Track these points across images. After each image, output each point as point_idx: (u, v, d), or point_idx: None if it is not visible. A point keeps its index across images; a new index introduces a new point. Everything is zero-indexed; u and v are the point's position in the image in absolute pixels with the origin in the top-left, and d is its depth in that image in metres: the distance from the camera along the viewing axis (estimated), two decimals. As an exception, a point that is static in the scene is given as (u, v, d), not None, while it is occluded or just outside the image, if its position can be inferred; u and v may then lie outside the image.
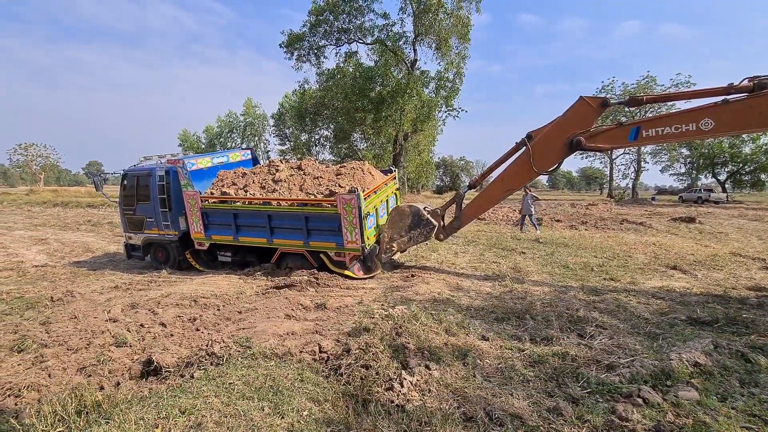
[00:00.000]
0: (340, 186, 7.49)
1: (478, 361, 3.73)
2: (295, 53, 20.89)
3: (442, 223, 7.45)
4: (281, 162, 8.86)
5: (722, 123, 5.29)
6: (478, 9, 18.71)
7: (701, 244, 11.10)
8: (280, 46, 20.71)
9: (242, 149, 10.11)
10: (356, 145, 23.26)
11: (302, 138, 25.87)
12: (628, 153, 45.92)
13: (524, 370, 3.53)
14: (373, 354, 3.61)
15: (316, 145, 26.77)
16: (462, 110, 20.61)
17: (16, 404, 3.31)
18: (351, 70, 20.38)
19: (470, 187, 7.73)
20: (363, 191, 7.00)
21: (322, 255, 7.47)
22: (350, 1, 19.19)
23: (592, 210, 23.07)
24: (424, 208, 7.42)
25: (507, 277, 7.07)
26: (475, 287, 6.56)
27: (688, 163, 46.70)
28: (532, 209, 13.58)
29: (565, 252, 9.63)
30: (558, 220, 17.02)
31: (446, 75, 19.74)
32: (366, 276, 7.39)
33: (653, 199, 37.30)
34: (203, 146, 43.64)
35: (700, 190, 36.58)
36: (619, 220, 16.76)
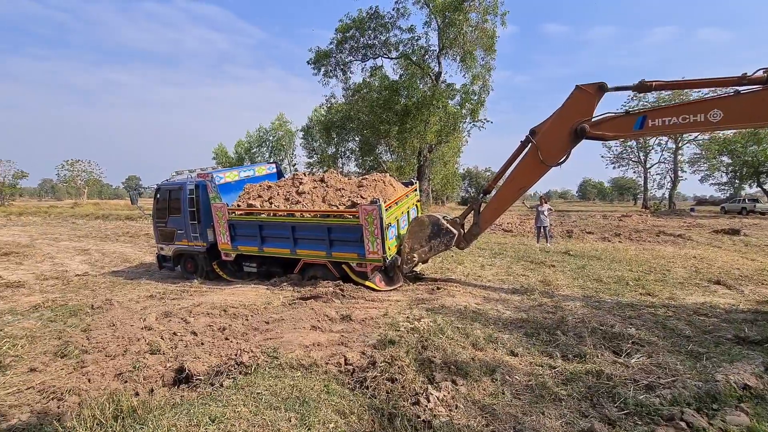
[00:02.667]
0: (362, 197, 7.55)
1: (507, 377, 3.62)
2: (323, 69, 21.48)
3: (462, 232, 7.40)
4: (305, 175, 9.05)
5: (732, 115, 5.14)
6: (503, 22, 18.69)
7: (747, 257, 10.43)
8: (308, 63, 21.36)
9: (267, 163, 10.44)
10: (381, 158, 23.45)
11: (329, 151, 26.35)
12: (664, 162, 44.08)
13: (556, 388, 3.40)
14: (398, 367, 3.58)
15: (342, 158, 27.21)
16: (488, 121, 20.49)
17: (58, 407, 3.48)
18: (376, 83, 20.69)
19: (484, 192, 7.64)
20: (384, 202, 7.05)
21: (344, 266, 7.54)
22: (376, 17, 19.62)
23: (626, 221, 22.18)
24: (443, 218, 7.41)
25: (536, 290, 6.87)
26: (502, 301, 6.41)
27: (730, 171, 44.22)
28: (548, 221, 13.24)
29: (597, 265, 9.27)
30: (589, 232, 16.47)
31: (471, 88, 19.70)
32: (388, 288, 7.36)
33: (692, 209, 35.44)
34: (233, 160, 45.22)
35: (744, 200, 34.44)
36: (655, 232, 16.02)
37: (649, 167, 45.51)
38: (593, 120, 5.92)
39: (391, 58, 20.98)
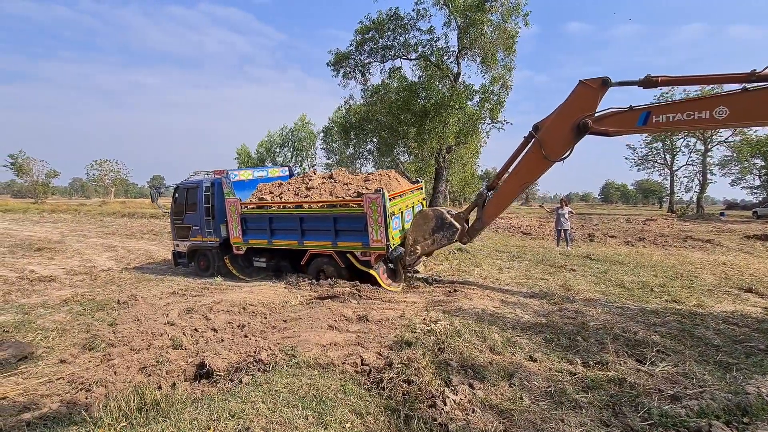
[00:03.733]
0: (367, 189, 7.81)
1: (526, 382, 3.56)
2: (341, 71, 21.58)
3: (465, 227, 7.40)
4: (314, 173, 9.42)
5: (738, 112, 5.04)
6: (526, 22, 18.37)
7: (782, 265, 9.95)
8: (328, 65, 21.50)
9: (280, 166, 10.91)
10: (399, 159, 23.43)
11: (347, 152, 26.52)
12: (692, 164, 42.49)
13: (576, 395, 3.32)
14: (415, 369, 3.57)
15: (360, 159, 27.33)
16: (507, 122, 20.19)
17: (86, 398, 3.62)
18: (395, 85, 20.69)
19: (489, 188, 7.58)
20: (388, 192, 7.28)
21: (348, 255, 7.73)
22: (396, 19, 19.61)
23: (651, 225, 21.50)
24: (448, 212, 7.48)
25: (556, 295, 6.73)
26: (521, 305, 6.31)
27: (764, 174, 42.26)
28: (568, 224, 12.93)
29: (620, 270, 9.02)
30: (612, 236, 16.04)
31: (491, 88, 19.46)
32: (392, 285, 7.50)
33: (722, 214, 33.99)
34: (254, 160, 46.09)
35: (779, 204, 32.86)
36: (681, 237, 15.48)
37: (676, 169, 43.95)
38: (596, 115, 5.87)
39: (410, 60, 20.91)
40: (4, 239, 16.13)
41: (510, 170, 6.93)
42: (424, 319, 5.45)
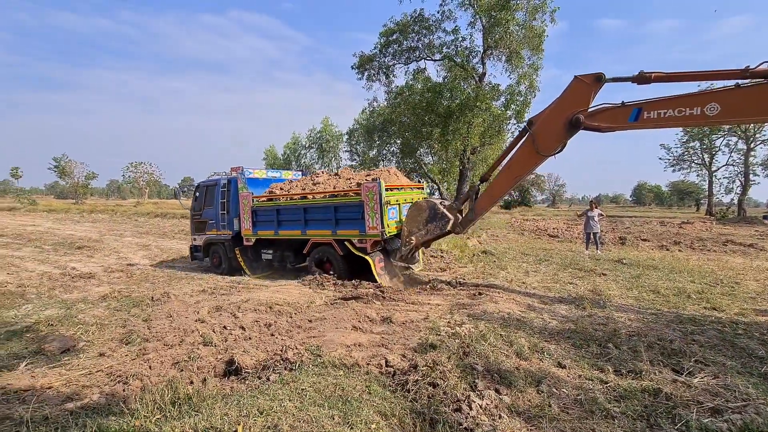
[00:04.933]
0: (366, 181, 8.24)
1: (554, 389, 3.47)
2: (366, 73, 21.69)
3: (458, 217, 7.49)
4: (322, 173, 10.08)
5: (729, 109, 4.99)
6: (553, 20, 17.89)
7: (835, 272, 9.28)
8: (352, 68, 21.66)
9: (294, 171, 11.63)
10: (423, 160, 23.33)
11: (371, 154, 26.61)
12: (733, 164, 40.24)
13: (608, 405, 3.21)
14: (440, 372, 3.55)
15: (384, 161, 27.39)
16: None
17: (124, 390, 3.79)
18: (419, 86, 20.62)
19: (482, 180, 7.69)
20: (385, 183, 7.78)
21: (346, 242, 8.21)
22: (420, 21, 19.55)
23: (687, 229, 20.53)
24: (441, 203, 7.72)
25: (585, 300, 6.53)
26: (548, 309, 6.16)
27: (814, 175, 39.52)
28: (598, 226, 12.49)
29: (654, 275, 8.65)
30: (645, 240, 15.43)
31: (517, 89, 19.08)
32: (384, 280, 7.91)
33: (765, 217, 32.01)
34: (281, 161, 47.05)
35: (831, 207, 30.60)
36: (721, 241, 14.71)
37: (715, 170, 41.71)
38: (589, 111, 5.87)
39: (435, 60, 20.77)
40: (48, 238, 17.13)
41: (503, 163, 7.05)
42: (449, 322, 5.40)
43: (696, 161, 43.80)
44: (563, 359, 4.11)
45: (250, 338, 5.02)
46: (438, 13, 19.33)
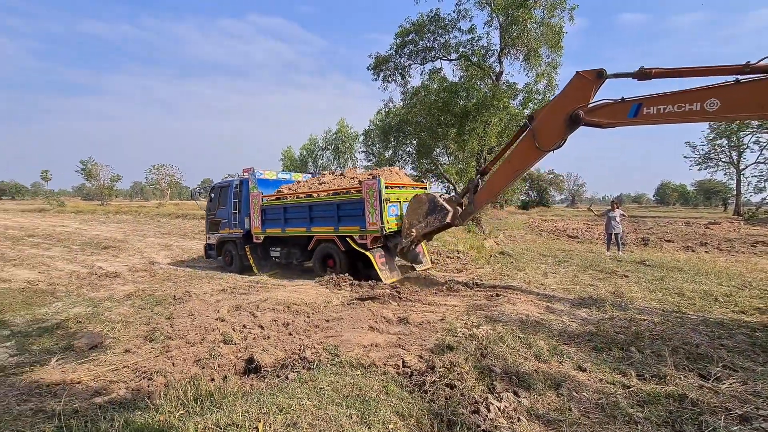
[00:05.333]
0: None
1: (575, 393, 3.41)
2: (381, 74, 21.69)
3: (458, 210, 7.53)
4: (328, 173, 10.47)
5: (729, 104, 4.98)
6: (571, 18, 17.51)
7: None
8: (368, 69, 21.70)
9: (304, 174, 12.12)
10: (439, 160, 23.19)
11: (386, 154, 26.60)
12: (763, 162, 38.66)
13: (631, 410, 3.14)
14: (457, 374, 3.54)
15: (400, 161, 27.37)
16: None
17: (148, 386, 3.91)
18: (435, 86, 20.50)
19: (482, 173, 7.69)
20: (385, 180, 8.08)
21: (348, 238, 8.48)
22: (436, 21, 19.44)
23: (714, 229, 19.82)
24: (440, 196, 7.86)
25: (606, 302, 6.38)
26: (568, 311, 6.05)
27: None
28: (620, 227, 12.18)
29: (679, 277, 8.39)
30: (669, 240, 14.98)
31: (535, 87, 18.76)
32: (386, 275, 8.15)
33: (799, 217, 30.57)
34: (298, 162, 47.57)
35: None
36: (750, 243, 14.15)
37: (743, 168, 40.18)
38: (589, 106, 5.87)
39: (451, 60, 20.59)
40: (76, 238, 17.78)
41: (504, 157, 7.11)
42: (466, 323, 5.37)
43: (723, 159, 42.26)
44: (583, 362, 4.03)
45: (268, 337, 5.11)
46: (454, 12, 19.19)
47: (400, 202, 8.54)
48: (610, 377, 3.72)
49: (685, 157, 44.50)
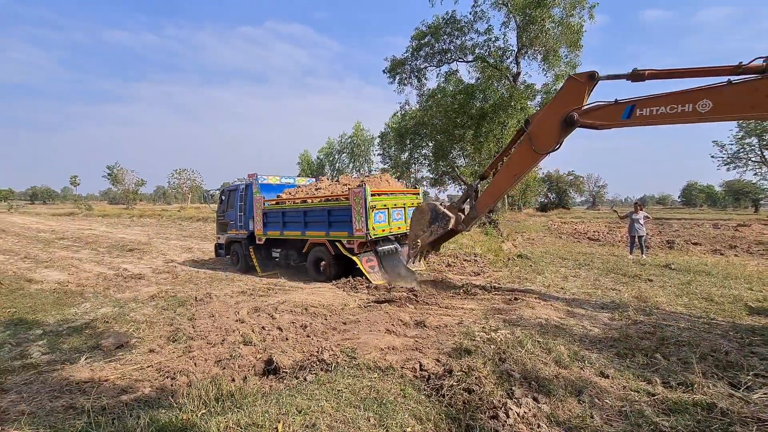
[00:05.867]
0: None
1: (596, 399, 3.34)
2: (397, 77, 21.76)
3: (460, 216, 7.56)
4: (325, 179, 11.16)
5: (721, 105, 5.01)
6: (591, 15, 17.16)
7: None
8: (384, 72, 21.81)
9: (307, 177, 12.37)
10: (455, 162, 23.06)
11: (402, 157, 26.66)
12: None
13: (656, 418, 3.05)
14: (476, 378, 3.50)
15: (416, 164, 27.33)
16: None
17: (171, 385, 4.01)
18: (451, 88, 20.43)
19: (481, 178, 7.86)
20: (371, 188, 8.38)
21: (337, 243, 8.85)
22: (452, 23, 19.38)
23: (744, 232, 19.02)
24: (441, 204, 7.97)
25: (630, 307, 6.21)
26: (589, 316, 5.92)
27: None
28: (643, 229, 11.81)
29: (707, 282, 8.10)
30: (696, 243, 14.48)
31: (554, 87, 18.48)
32: (374, 278, 8.41)
33: (838, 219, 29.03)
34: (315, 166, 48.12)
35: None
36: (785, 246, 13.52)
37: (776, 168, 38.43)
38: (583, 109, 5.93)
39: (467, 62, 20.50)
40: (103, 241, 18.42)
41: (503, 162, 7.18)
42: (483, 327, 5.32)
43: (753, 158, 40.53)
44: (606, 369, 3.94)
45: (287, 339, 5.18)
46: (470, 14, 19.12)
47: (388, 208, 8.87)
48: (634, 384, 3.63)
49: (712, 156, 42.85)
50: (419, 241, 7.85)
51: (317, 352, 4.45)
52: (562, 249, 13.95)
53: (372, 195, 8.39)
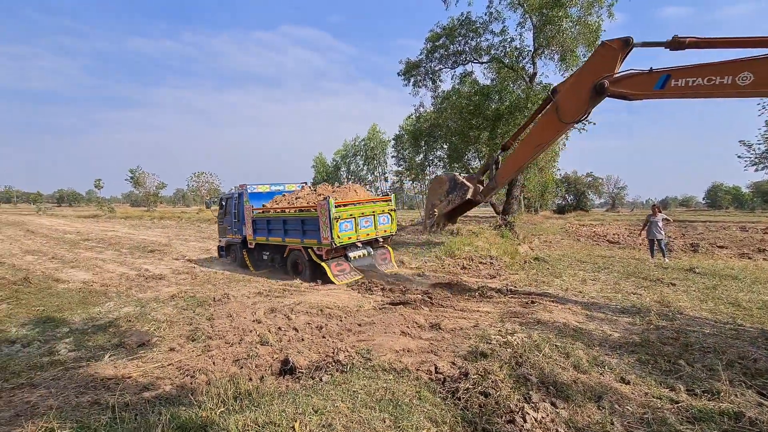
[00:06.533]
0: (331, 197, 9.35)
1: (617, 406, 3.26)
2: (412, 80, 21.73)
3: (479, 187, 7.49)
4: (307, 188, 12.05)
5: (763, 79, 4.63)
6: (610, 14, 16.79)
7: None
8: (398, 75, 21.78)
9: (297, 183, 13.24)
10: (470, 164, 22.88)
11: (417, 159, 26.56)
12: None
13: (680, 426, 2.96)
14: (492, 382, 3.47)
15: (431, 166, 27.21)
16: (590, 123, 18.66)
17: (191, 383, 4.10)
18: (466, 90, 20.29)
19: (503, 149, 7.71)
20: (335, 200, 9.10)
21: (309, 249, 9.54)
22: (467, 24, 19.27)
23: (774, 235, 18.26)
24: (460, 174, 8.00)
25: (652, 311, 6.04)
26: (609, 321, 5.78)
27: None
28: (662, 233, 11.47)
29: (734, 286, 7.81)
30: (722, 246, 13.98)
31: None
32: (339, 280, 9.01)
33: None
34: (330, 168, 48.42)
35: None
36: (818, 249, 12.92)
37: (808, 167, 36.78)
38: (615, 77, 5.64)
39: (482, 63, 20.35)
40: (125, 242, 18.95)
41: (526, 132, 6.99)
42: (500, 330, 5.26)
43: (784, 158, 38.91)
44: (627, 374, 3.85)
45: (303, 339, 5.23)
46: (485, 15, 18.97)
47: (355, 217, 9.53)
48: (657, 391, 3.53)
49: (739, 156, 41.34)
50: (436, 210, 7.87)
51: (333, 353, 4.48)
52: (581, 252, 13.68)
53: (336, 206, 9.01)
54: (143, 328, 5.99)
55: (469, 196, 7.42)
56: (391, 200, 10.98)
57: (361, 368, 3.95)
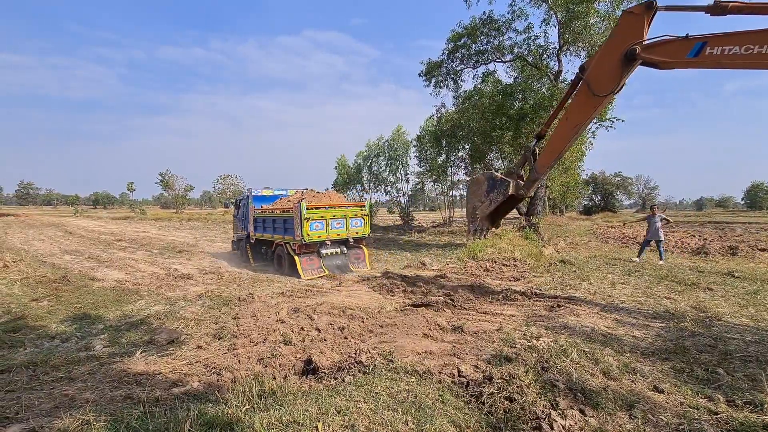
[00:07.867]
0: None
1: (650, 415, 3.12)
2: (433, 80, 21.61)
3: (519, 182, 7.27)
4: (300, 192, 13.47)
5: None
6: (640, 6, 16.33)
7: None
8: (419, 75, 21.73)
9: (299, 189, 14.35)
10: (493, 165, 22.52)
11: (438, 160, 26.38)
12: None
13: (719, 439, 2.80)
14: (517, 387, 3.39)
15: (452, 166, 26.98)
16: (618, 120, 18.04)
17: (218, 380, 4.20)
18: (488, 89, 20.01)
19: (538, 138, 7.45)
20: (308, 203, 10.71)
21: (287, 245, 11.07)
22: (489, 23, 19.02)
23: (822, 237, 17.11)
24: (496, 171, 7.93)
25: (686, 317, 5.77)
26: (640, 326, 5.56)
27: None
28: (661, 234, 11.09)
29: (777, 292, 7.37)
30: (763, 249, 13.21)
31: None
32: (307, 275, 10.36)
33: None
34: (351, 170, 48.67)
35: None
36: None
37: None
38: (646, 42, 5.43)
39: (504, 62, 20.02)
40: (156, 242, 19.66)
41: (559, 116, 6.78)
42: (524, 334, 5.14)
43: (832, 156, 36.44)
44: (660, 383, 3.68)
45: (325, 340, 5.26)
46: (508, 13, 18.67)
47: (326, 219, 10.87)
48: (693, 401, 3.36)
49: (781, 154, 39.03)
50: (478, 213, 7.62)
51: (355, 353, 4.49)
52: (609, 254, 13.23)
53: (308, 209, 10.47)
54: (172, 326, 6.18)
55: (511, 191, 7.18)
56: (364, 206, 12.38)
57: (383, 370, 3.95)
